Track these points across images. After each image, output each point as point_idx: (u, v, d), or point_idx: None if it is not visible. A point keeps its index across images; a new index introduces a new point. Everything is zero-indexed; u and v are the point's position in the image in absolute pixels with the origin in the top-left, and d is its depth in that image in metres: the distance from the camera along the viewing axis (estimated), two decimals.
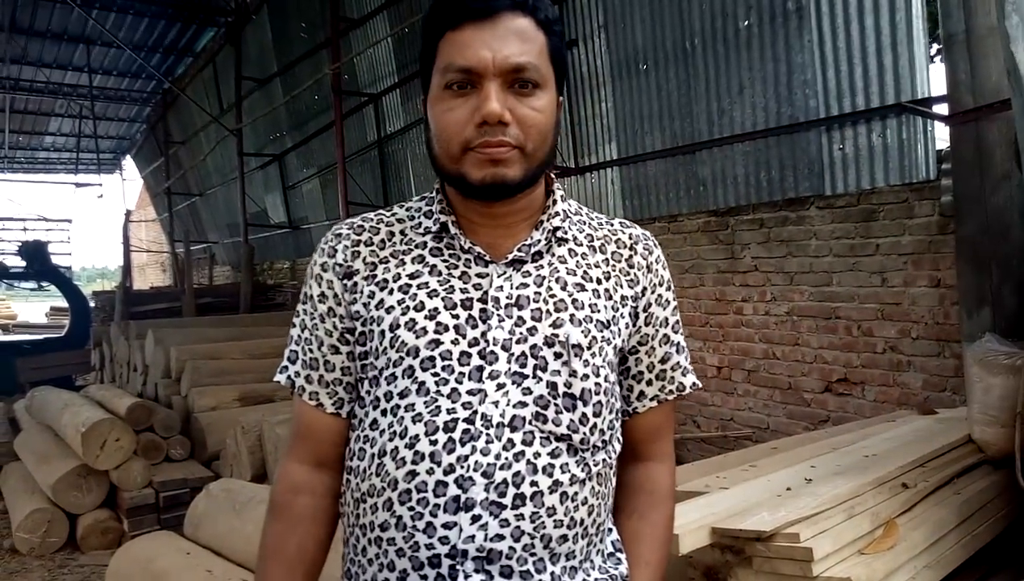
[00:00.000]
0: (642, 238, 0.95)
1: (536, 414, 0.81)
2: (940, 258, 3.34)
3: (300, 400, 0.91)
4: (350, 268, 0.88)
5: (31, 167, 19.43)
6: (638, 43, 4.74)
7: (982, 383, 2.05)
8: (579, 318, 0.85)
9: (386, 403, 0.84)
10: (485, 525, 0.78)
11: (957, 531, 1.77)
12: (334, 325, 0.89)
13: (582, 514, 0.83)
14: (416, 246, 0.89)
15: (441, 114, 0.82)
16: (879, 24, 3.45)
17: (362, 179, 8.55)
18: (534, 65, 0.80)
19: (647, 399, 0.95)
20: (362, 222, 0.92)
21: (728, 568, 1.53)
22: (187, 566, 2.29)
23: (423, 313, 0.83)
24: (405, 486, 0.80)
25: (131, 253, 11.76)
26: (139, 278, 18.80)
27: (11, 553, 3.84)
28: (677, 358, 0.96)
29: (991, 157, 2.47)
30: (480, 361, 0.82)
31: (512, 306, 0.84)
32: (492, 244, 0.88)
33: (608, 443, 0.88)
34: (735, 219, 4.34)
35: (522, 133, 0.80)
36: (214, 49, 11.70)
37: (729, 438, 4.32)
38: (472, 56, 0.79)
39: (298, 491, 0.90)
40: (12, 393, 7.48)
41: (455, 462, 0.79)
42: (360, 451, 0.86)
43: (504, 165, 0.80)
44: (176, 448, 4.45)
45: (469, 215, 0.88)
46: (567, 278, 0.87)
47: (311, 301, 0.91)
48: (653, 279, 0.93)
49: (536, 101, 0.81)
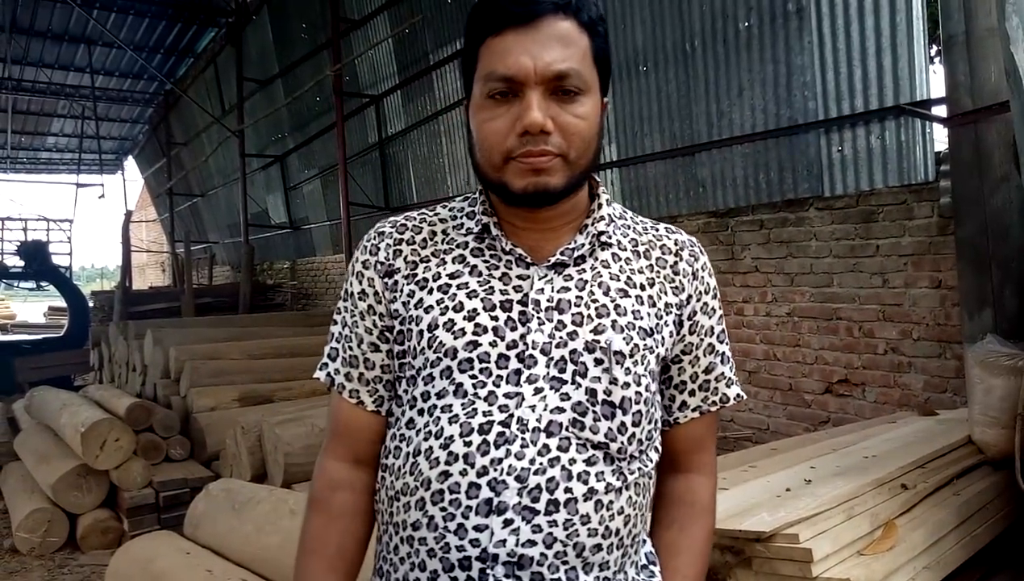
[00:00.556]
0: (688, 244, 0.93)
1: (573, 420, 0.80)
2: (940, 259, 3.35)
3: (339, 397, 0.90)
4: (391, 266, 0.88)
5: (33, 167, 19.46)
6: (638, 44, 4.75)
7: (983, 384, 2.05)
8: (621, 325, 0.83)
9: (423, 403, 0.83)
10: (517, 530, 0.77)
11: (957, 532, 1.77)
12: (374, 323, 0.88)
13: (617, 524, 0.82)
14: (457, 246, 0.88)
15: (483, 123, 0.81)
16: (879, 26, 3.46)
17: (363, 180, 8.56)
18: (576, 71, 0.78)
19: (689, 410, 0.93)
20: (405, 221, 0.91)
21: (728, 568, 1.53)
22: (187, 566, 2.29)
23: (462, 314, 0.83)
24: (438, 486, 0.79)
25: (131, 253, 11.75)
26: (139, 278, 18.81)
27: (11, 553, 3.83)
28: (721, 368, 0.94)
29: (990, 159, 2.47)
30: (518, 364, 0.80)
31: (552, 309, 0.83)
32: (534, 247, 0.86)
33: (645, 453, 0.86)
34: (735, 220, 4.34)
35: (564, 141, 0.79)
36: (215, 50, 11.72)
37: (729, 439, 4.32)
38: (513, 64, 0.77)
39: (337, 487, 0.90)
40: (11, 393, 7.48)
41: (488, 464, 0.78)
42: (396, 449, 0.85)
43: (547, 174, 0.79)
44: (176, 448, 4.45)
45: (511, 218, 0.87)
46: (610, 283, 0.86)
47: (352, 298, 0.90)
48: (699, 287, 0.91)
49: (579, 108, 0.79)
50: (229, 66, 10.72)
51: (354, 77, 8.29)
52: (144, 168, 18.50)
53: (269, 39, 9.96)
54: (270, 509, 2.37)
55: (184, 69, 13.24)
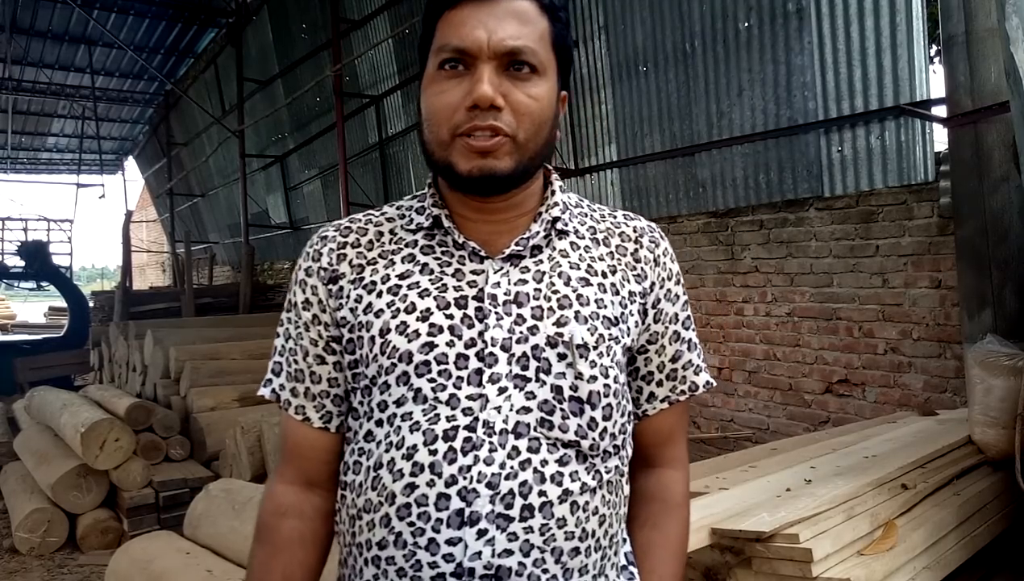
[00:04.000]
0: (648, 230, 0.89)
1: (541, 420, 0.76)
2: (940, 259, 3.35)
3: (286, 415, 0.86)
4: (335, 272, 0.83)
5: (33, 167, 19.47)
6: (638, 45, 4.75)
7: (983, 384, 2.05)
8: (584, 315, 0.80)
9: (381, 413, 0.79)
10: (492, 540, 0.73)
11: (956, 532, 1.77)
12: (319, 333, 0.83)
13: (593, 525, 0.78)
14: (406, 245, 0.84)
15: (432, 97, 0.77)
16: (879, 26, 3.46)
17: (363, 180, 8.57)
18: (532, 49, 0.76)
19: (658, 401, 0.90)
20: (349, 223, 0.87)
21: (727, 569, 1.53)
22: (186, 566, 2.29)
23: (414, 315, 0.78)
24: (404, 500, 0.75)
25: (131, 253, 11.74)
26: (139, 278, 18.80)
27: (11, 553, 3.83)
28: (689, 356, 0.91)
29: (990, 159, 2.47)
30: (479, 363, 0.76)
31: (511, 303, 0.79)
32: (488, 240, 0.82)
33: (621, 448, 0.83)
34: (735, 220, 4.34)
35: (515, 121, 0.75)
36: (215, 50, 11.72)
37: (729, 439, 4.31)
38: (467, 36, 0.74)
39: (284, 514, 0.84)
40: (11, 393, 7.49)
41: (457, 473, 0.74)
42: (356, 464, 0.81)
43: (493, 156, 0.75)
44: (175, 448, 4.45)
45: (463, 210, 0.83)
46: (570, 273, 0.82)
47: (295, 308, 0.85)
48: (661, 273, 0.88)
49: (533, 88, 0.76)
50: (229, 66, 10.72)
51: (354, 77, 8.29)
52: (144, 168, 18.51)
53: (269, 39, 9.97)
54: None
55: (184, 69, 13.25)
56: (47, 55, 11.92)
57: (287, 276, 11.40)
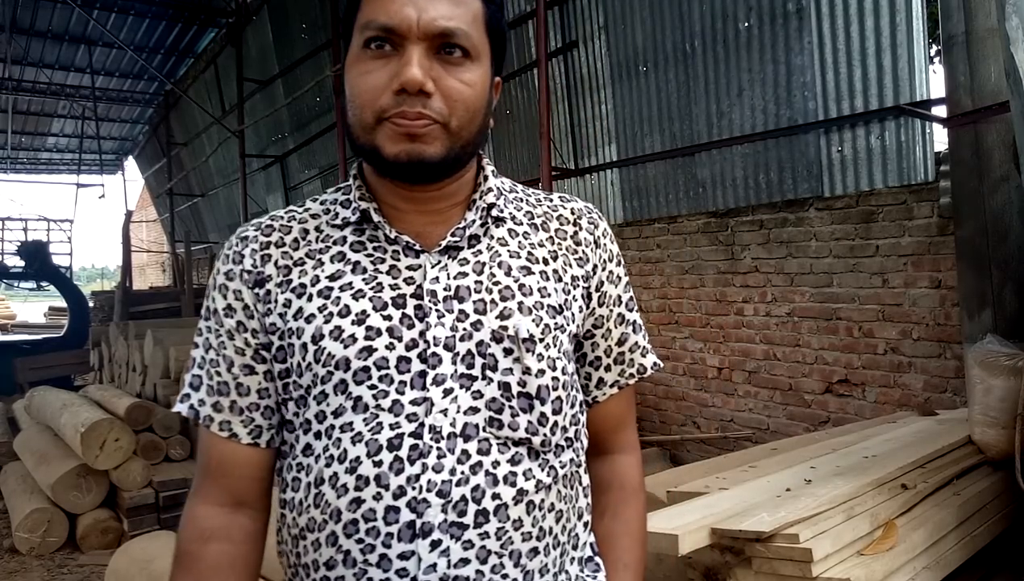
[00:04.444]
0: (585, 211, 0.86)
1: (490, 419, 0.73)
2: (940, 259, 3.35)
3: (208, 432, 0.79)
4: (260, 274, 0.77)
5: (33, 167, 19.47)
6: (638, 45, 4.75)
7: (983, 384, 2.05)
8: (528, 305, 0.76)
9: (319, 424, 0.74)
10: (447, 550, 0.70)
11: (956, 532, 1.77)
12: (246, 341, 0.77)
13: (550, 522, 0.76)
14: (334, 242, 0.78)
15: (357, 77, 0.72)
16: (879, 26, 3.46)
17: None
18: (464, 32, 0.71)
19: (607, 386, 0.87)
20: (271, 221, 0.81)
21: (727, 569, 1.53)
22: None
23: (349, 318, 0.73)
24: (350, 516, 0.70)
25: (131, 253, 11.75)
26: (139, 278, 18.80)
27: (11, 553, 3.83)
28: (635, 338, 0.88)
29: (990, 159, 2.47)
30: (421, 365, 0.72)
31: (452, 299, 0.75)
32: (422, 233, 0.78)
33: (574, 440, 0.80)
34: (735, 220, 4.34)
35: (446, 107, 0.71)
36: (215, 50, 11.73)
37: (729, 439, 4.32)
38: (395, 13, 0.69)
39: (209, 538, 0.78)
40: (11, 393, 7.49)
41: (405, 483, 0.70)
42: (294, 481, 0.76)
43: (422, 141, 0.71)
44: (176, 448, 4.45)
45: (393, 201, 0.78)
46: (510, 262, 0.78)
47: (215, 316, 0.79)
48: (602, 255, 0.85)
49: (465, 73, 0.72)
50: (229, 66, 10.72)
51: None
52: (144, 168, 18.51)
53: (269, 39, 9.97)
54: None
55: (184, 69, 13.25)
56: (47, 55, 11.92)
57: None
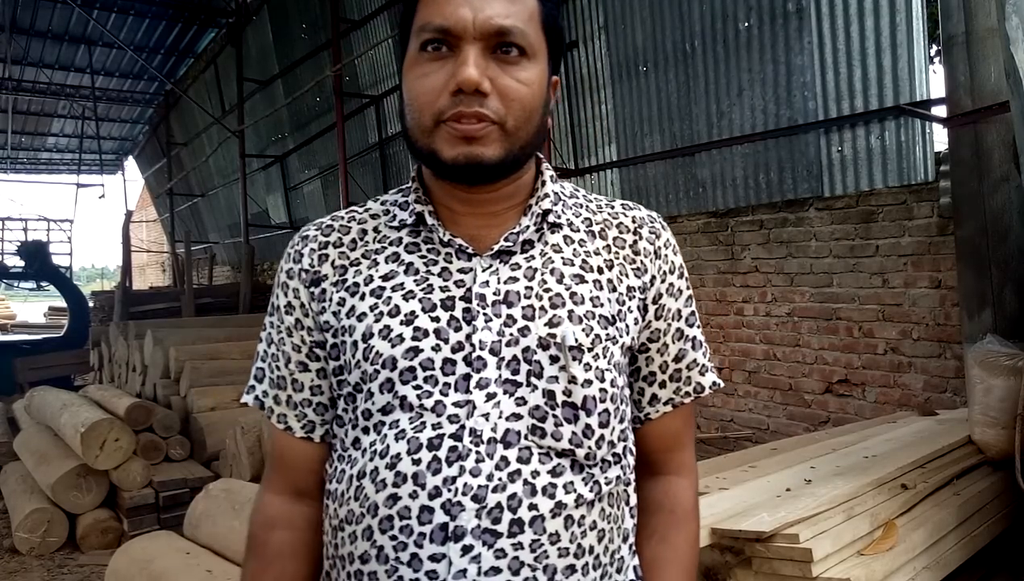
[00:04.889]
0: (648, 221, 0.83)
1: (532, 427, 0.72)
2: (940, 259, 3.35)
3: (272, 423, 0.83)
4: (317, 274, 0.79)
5: (33, 167, 19.48)
6: (638, 45, 4.75)
7: (983, 384, 2.05)
8: (579, 314, 0.75)
9: (366, 420, 0.75)
10: (478, 557, 0.68)
11: (956, 532, 1.77)
12: (302, 339, 0.79)
13: (591, 540, 0.73)
14: (390, 243, 0.79)
15: (414, 81, 0.72)
16: (879, 26, 3.46)
17: (363, 180, 8.56)
18: (521, 30, 0.70)
19: (661, 403, 0.84)
20: (331, 221, 0.82)
21: (727, 569, 1.53)
22: (186, 566, 2.29)
23: (398, 318, 0.74)
24: (386, 512, 0.71)
25: (131, 253, 11.74)
26: (139, 278, 18.81)
27: (11, 553, 3.83)
28: (693, 355, 0.85)
29: (990, 159, 2.47)
30: (466, 368, 0.72)
31: (500, 303, 0.74)
32: (476, 236, 0.77)
33: (622, 456, 0.78)
34: (735, 220, 4.34)
35: (503, 107, 0.70)
36: (215, 50, 11.73)
37: (729, 439, 4.32)
38: (451, 14, 0.69)
39: (273, 525, 0.81)
40: (11, 393, 7.49)
41: (441, 484, 0.69)
42: (340, 473, 0.77)
43: (480, 143, 0.70)
44: (175, 448, 4.45)
45: (449, 203, 0.78)
46: (563, 269, 0.77)
47: (278, 312, 0.81)
48: (662, 266, 0.82)
49: (522, 72, 0.71)
50: (229, 66, 10.72)
51: (354, 77, 8.29)
52: (144, 168, 18.52)
53: (269, 39, 9.97)
54: None
55: (184, 69, 13.26)
56: (47, 55, 11.92)
57: None
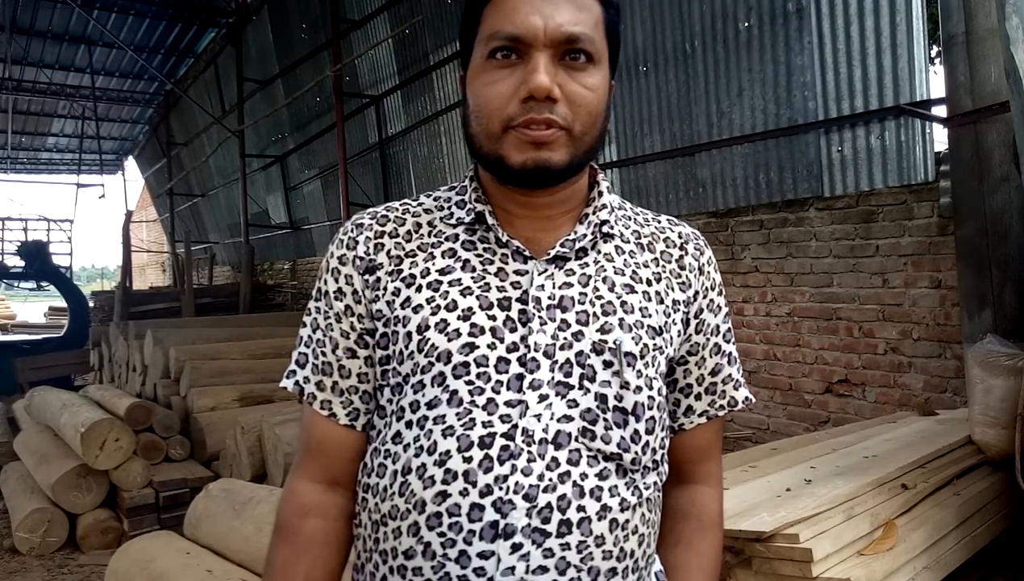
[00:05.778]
0: (693, 237, 0.86)
1: (583, 430, 0.72)
2: (940, 259, 3.35)
3: (311, 409, 0.81)
4: (372, 262, 0.79)
5: (33, 167, 19.48)
6: (638, 45, 4.75)
7: (983, 384, 2.05)
8: (629, 323, 0.76)
9: (411, 414, 0.75)
10: (527, 555, 0.69)
11: (956, 532, 1.77)
12: (352, 325, 0.79)
13: (632, 544, 0.74)
14: (447, 239, 0.79)
15: (482, 88, 0.73)
16: (879, 26, 3.46)
17: (363, 180, 8.57)
18: (589, 37, 0.72)
19: (695, 415, 0.86)
20: (386, 212, 0.83)
21: (727, 569, 1.53)
22: (186, 566, 2.29)
23: (456, 313, 0.74)
24: (434, 508, 0.71)
25: (131, 253, 11.74)
26: (139, 278, 18.81)
27: (11, 553, 3.83)
28: (729, 370, 0.87)
29: (990, 159, 2.47)
30: (520, 368, 0.72)
31: (555, 308, 0.75)
32: (532, 238, 0.78)
33: (660, 463, 0.80)
34: (735, 220, 4.34)
35: (571, 113, 0.71)
36: (215, 50, 11.73)
37: (729, 439, 4.32)
38: (521, 22, 0.70)
39: (307, 513, 0.81)
40: (11, 393, 7.49)
41: (492, 483, 0.70)
42: (380, 467, 0.76)
43: (548, 148, 0.71)
44: (176, 448, 4.45)
45: (506, 205, 0.79)
46: (615, 278, 0.78)
47: (326, 298, 0.81)
48: (705, 282, 0.85)
49: (589, 78, 0.73)
50: (229, 66, 10.72)
51: (354, 77, 8.29)
52: (144, 168, 18.52)
53: (269, 39, 9.97)
54: (270, 509, 2.37)
55: (184, 69, 13.26)
56: (47, 55, 11.93)
57: (287, 276, 11.41)
